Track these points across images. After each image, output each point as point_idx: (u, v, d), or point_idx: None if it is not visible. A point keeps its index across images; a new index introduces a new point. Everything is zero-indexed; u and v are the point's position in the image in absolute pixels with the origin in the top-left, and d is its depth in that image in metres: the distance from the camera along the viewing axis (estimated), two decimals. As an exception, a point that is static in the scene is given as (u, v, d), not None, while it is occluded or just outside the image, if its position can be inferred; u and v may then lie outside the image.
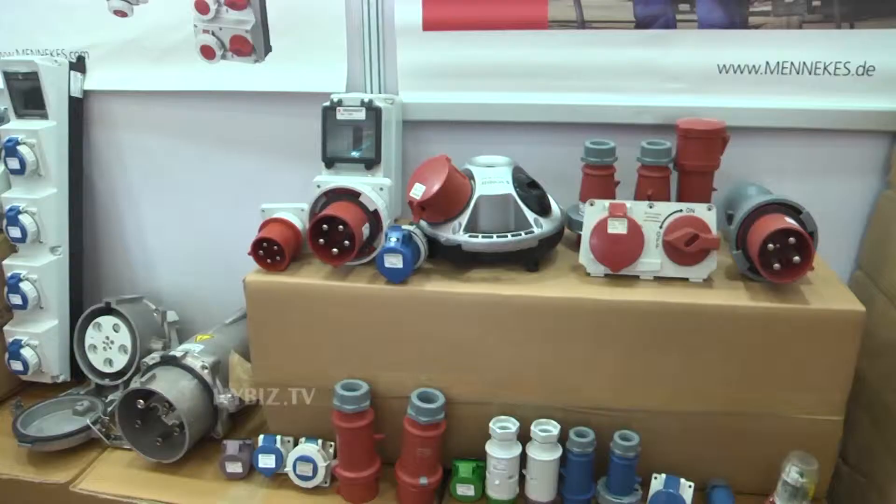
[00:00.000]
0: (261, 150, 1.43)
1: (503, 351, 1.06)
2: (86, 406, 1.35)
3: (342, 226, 1.05)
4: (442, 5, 1.24)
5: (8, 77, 1.39)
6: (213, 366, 1.22)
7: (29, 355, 1.40)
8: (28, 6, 1.46)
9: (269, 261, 1.11)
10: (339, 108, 1.18)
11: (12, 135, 1.37)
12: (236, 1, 1.30)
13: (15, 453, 1.29)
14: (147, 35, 1.39)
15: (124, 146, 1.52)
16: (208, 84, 1.38)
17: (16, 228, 1.37)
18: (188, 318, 1.54)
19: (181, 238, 1.55)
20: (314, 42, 1.30)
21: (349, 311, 1.08)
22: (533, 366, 1.06)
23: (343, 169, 1.19)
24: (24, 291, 1.38)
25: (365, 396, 1.07)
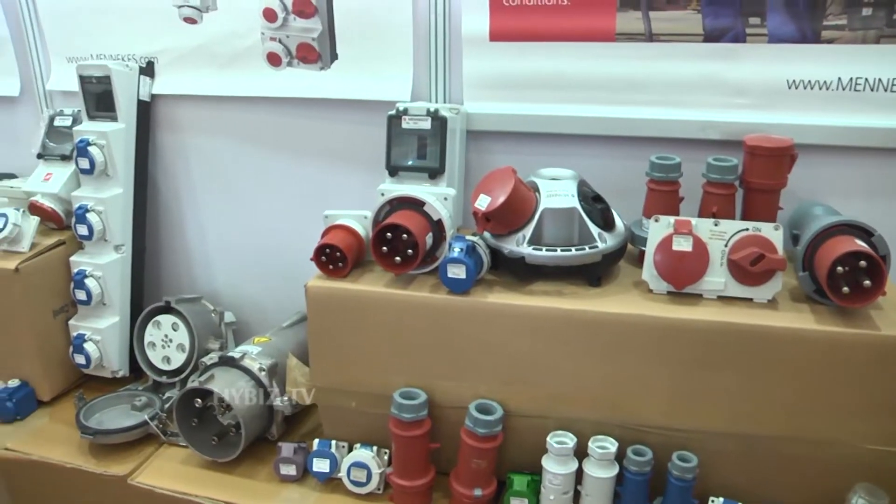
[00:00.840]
0: (323, 157, 1.44)
1: (563, 365, 1.05)
2: (144, 402, 1.37)
3: (406, 234, 1.05)
4: (509, 16, 1.23)
5: (83, 80, 1.43)
6: (271, 368, 1.23)
7: (91, 350, 1.43)
8: (103, 13, 1.50)
9: (331, 267, 1.12)
10: (404, 117, 1.18)
11: (84, 136, 1.40)
12: (304, 9, 1.31)
13: (77, 444, 1.33)
14: (215, 42, 1.42)
15: (189, 149, 1.54)
16: (274, 90, 1.40)
17: (83, 226, 1.40)
18: (244, 319, 1.56)
19: (241, 241, 1.57)
20: (380, 50, 1.31)
21: (410, 319, 1.08)
22: (592, 381, 1.05)
23: (406, 177, 1.19)
24: (89, 287, 1.41)
25: (423, 406, 1.07)
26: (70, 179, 1.48)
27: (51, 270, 1.44)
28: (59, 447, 1.33)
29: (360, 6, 1.30)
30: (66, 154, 1.50)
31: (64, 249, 1.46)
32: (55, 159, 1.52)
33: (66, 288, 1.46)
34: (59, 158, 1.51)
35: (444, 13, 1.26)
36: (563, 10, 1.21)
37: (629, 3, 1.18)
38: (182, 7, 1.40)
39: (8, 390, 1.42)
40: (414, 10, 1.27)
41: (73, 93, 1.56)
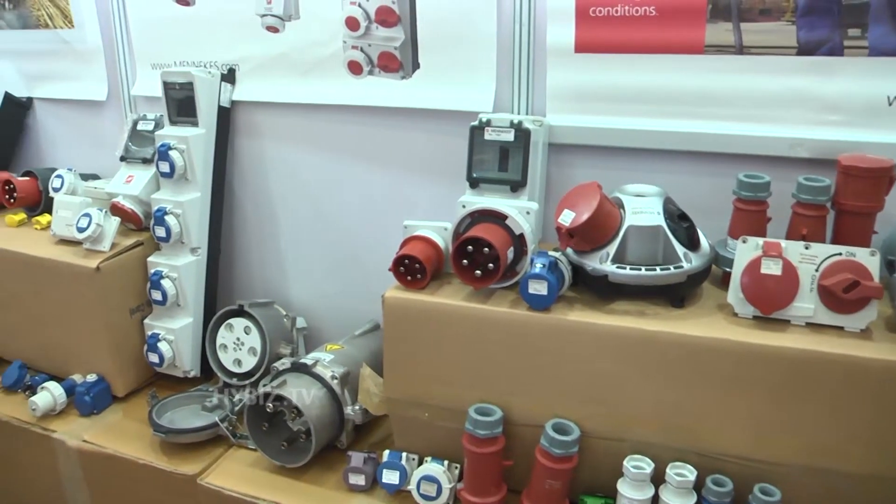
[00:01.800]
0: (400, 166, 1.43)
1: (643, 387, 1.01)
2: (214, 403, 1.39)
3: (487, 248, 1.04)
4: (595, 27, 1.20)
5: (166, 86, 1.46)
6: (343, 377, 1.23)
7: (165, 349, 1.46)
8: (188, 23, 1.53)
9: (409, 278, 1.11)
10: (487, 129, 1.16)
11: (165, 140, 1.43)
12: (387, 18, 1.31)
13: (149, 440, 1.36)
14: (296, 50, 1.43)
15: (266, 155, 1.56)
16: (354, 99, 1.40)
17: (161, 228, 1.42)
18: (315, 325, 1.56)
19: (314, 247, 1.57)
20: (463, 60, 1.29)
21: (488, 334, 1.06)
22: (671, 405, 1.01)
23: (487, 189, 1.17)
24: (165, 288, 1.43)
25: (498, 423, 1.05)
26: (150, 182, 1.51)
27: (129, 270, 1.47)
28: (132, 442, 1.36)
29: (443, 15, 1.29)
30: (147, 157, 1.53)
31: (142, 250, 1.49)
32: (137, 162, 1.55)
33: (143, 288, 1.48)
34: (141, 161, 1.54)
35: (529, 23, 1.24)
36: (650, 20, 1.17)
37: (720, 13, 1.14)
38: (265, 16, 1.42)
39: (86, 384, 1.46)
40: (498, 19, 1.25)
41: (156, 98, 1.60)
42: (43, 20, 1.77)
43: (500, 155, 1.18)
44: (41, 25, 1.78)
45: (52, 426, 1.43)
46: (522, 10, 1.24)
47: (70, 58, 1.76)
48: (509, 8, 1.25)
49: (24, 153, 1.97)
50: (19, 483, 1.55)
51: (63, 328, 1.51)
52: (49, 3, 1.74)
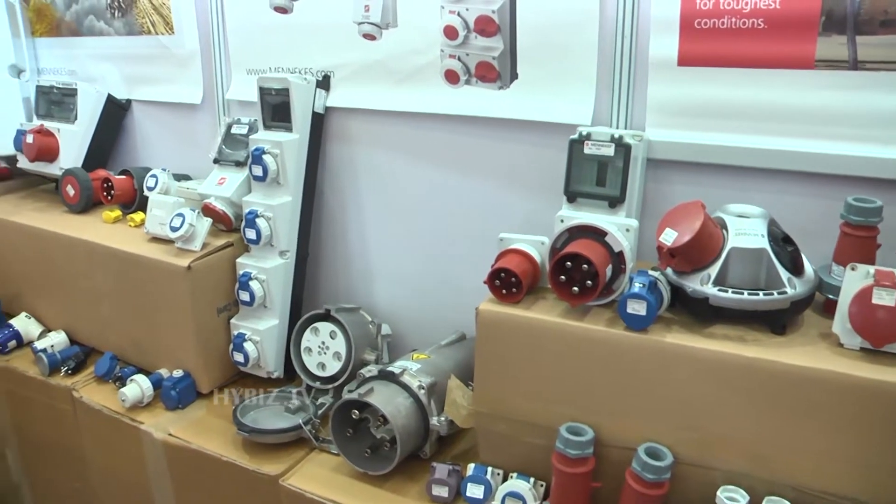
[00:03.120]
0: (493, 177, 1.41)
1: (739, 416, 0.97)
2: (297, 405, 1.41)
3: (586, 265, 1.02)
4: (700, 40, 1.16)
5: (262, 92, 1.48)
6: (430, 387, 1.22)
7: (250, 349, 1.48)
8: (285, 29, 1.56)
9: (504, 291, 1.10)
10: (587, 142, 1.14)
11: (260, 144, 1.45)
12: (486, 28, 1.30)
13: (232, 438, 1.38)
14: (393, 57, 1.43)
15: (358, 162, 1.57)
16: (449, 108, 1.39)
17: (252, 231, 1.45)
18: (399, 332, 1.57)
19: (402, 255, 1.58)
20: (563, 72, 1.27)
21: (582, 352, 1.04)
22: (769, 436, 0.97)
23: (585, 204, 1.15)
24: (253, 290, 1.46)
25: (589, 443, 1.02)
26: (242, 185, 1.54)
27: (218, 270, 1.50)
28: (215, 439, 1.38)
29: (544, 25, 1.27)
30: (240, 160, 1.56)
31: (231, 251, 1.52)
32: (230, 165, 1.58)
33: (231, 288, 1.51)
34: (234, 164, 1.57)
35: (631, 35, 1.21)
36: (758, 33, 1.13)
37: (834, 26, 1.08)
38: (362, 24, 1.43)
39: (172, 380, 1.49)
40: (600, 30, 1.23)
41: (249, 103, 1.65)
42: (146, 27, 1.84)
43: (598, 169, 1.16)
44: (144, 32, 1.85)
45: (140, 418, 1.47)
46: (625, 21, 1.21)
47: (168, 62, 1.82)
48: (611, 19, 1.22)
49: (121, 152, 2.04)
50: (108, 467, 1.60)
51: (153, 323, 1.55)
52: (153, 10, 1.80)
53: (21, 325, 1.79)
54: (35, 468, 1.83)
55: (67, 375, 1.64)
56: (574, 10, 1.24)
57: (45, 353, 1.66)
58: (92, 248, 1.60)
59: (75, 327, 1.75)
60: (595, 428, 1.04)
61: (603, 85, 1.25)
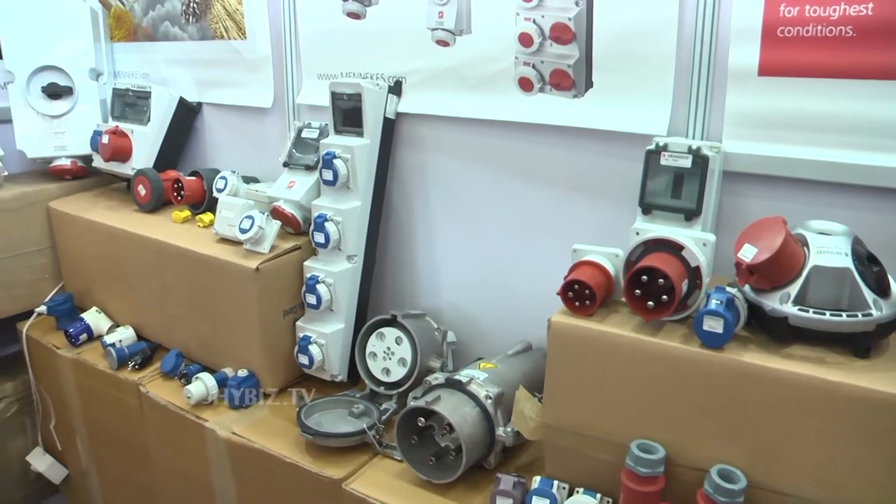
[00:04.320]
0: (563, 187, 1.41)
1: (818, 441, 0.95)
2: (361, 410, 1.43)
3: (662, 279, 1.01)
4: (783, 49, 1.14)
5: (334, 97, 1.51)
6: (497, 397, 1.23)
7: (315, 352, 1.50)
8: (357, 35, 1.59)
9: (577, 304, 1.10)
10: (663, 153, 1.14)
11: (331, 149, 1.48)
12: (562, 35, 1.30)
13: (294, 440, 1.40)
14: (466, 64, 1.44)
15: (427, 168, 1.59)
16: (522, 116, 1.39)
17: (320, 234, 1.47)
18: (463, 340, 1.58)
19: (469, 262, 1.59)
20: (639, 81, 1.26)
21: (656, 368, 1.03)
22: (848, 464, 0.94)
23: (660, 217, 1.15)
24: (320, 293, 1.48)
25: (660, 462, 1.02)
26: (311, 189, 1.57)
27: (286, 273, 1.53)
28: (278, 440, 1.41)
29: (621, 33, 1.26)
30: (310, 164, 1.60)
31: (299, 254, 1.55)
32: (299, 168, 1.61)
33: (298, 291, 1.54)
34: (304, 168, 1.60)
35: (711, 43, 1.20)
36: (846, 42, 1.10)
37: (930, 33, 1.05)
38: (436, 30, 1.44)
39: (237, 379, 1.53)
40: (678, 38, 1.22)
41: (319, 107, 1.69)
42: (219, 32, 1.90)
43: (674, 181, 1.15)
44: (217, 37, 1.91)
45: (204, 415, 1.51)
46: (704, 29, 1.20)
47: (240, 66, 1.88)
48: (690, 26, 1.21)
49: (190, 154, 2.11)
50: (171, 461, 1.65)
51: (219, 323, 1.59)
52: (227, 16, 1.86)
53: (92, 320, 1.87)
54: (102, 457, 1.91)
55: (134, 370, 1.70)
56: (652, 18, 1.23)
57: (114, 347, 1.73)
58: (161, 247, 1.65)
59: (143, 323, 1.82)
60: (666, 446, 1.03)
61: (680, 94, 1.24)
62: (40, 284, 2.01)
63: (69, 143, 2.05)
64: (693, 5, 1.20)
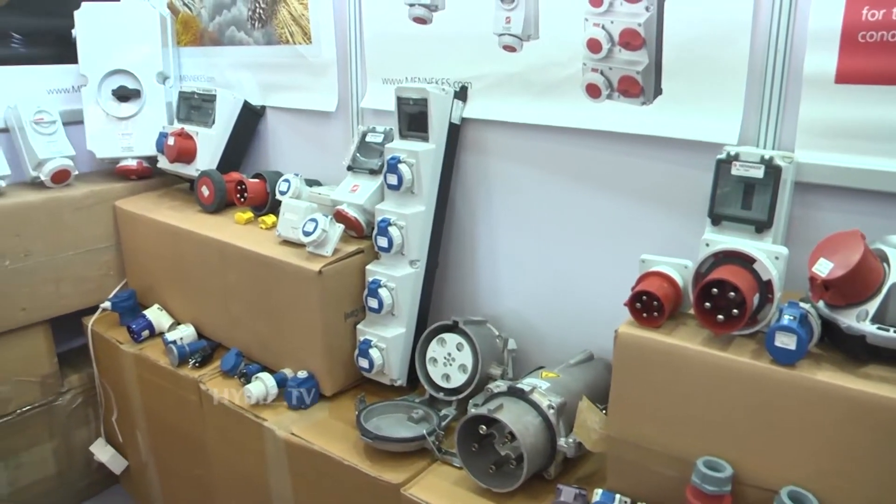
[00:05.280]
0: (629, 195, 1.41)
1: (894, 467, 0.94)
2: (420, 415, 1.45)
3: (733, 292, 1.01)
4: (864, 55, 1.11)
5: (400, 101, 1.54)
6: (560, 407, 1.23)
7: (375, 356, 1.53)
8: (423, 40, 1.61)
9: (645, 315, 1.10)
10: (734, 163, 1.13)
11: (396, 153, 1.50)
12: (631, 41, 1.30)
13: (353, 443, 1.43)
14: (532, 70, 1.45)
15: (491, 174, 1.60)
16: (589, 123, 1.40)
17: (384, 239, 1.50)
18: (523, 347, 1.58)
19: (531, 269, 1.59)
20: (710, 88, 1.25)
21: (725, 384, 1.02)
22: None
23: (729, 228, 1.14)
24: (382, 297, 1.51)
25: (727, 480, 1.01)
26: (375, 193, 1.60)
27: (348, 276, 1.56)
28: (337, 443, 1.43)
29: (692, 39, 1.25)
30: (374, 168, 1.63)
31: (361, 258, 1.58)
32: (363, 172, 1.65)
33: (359, 294, 1.57)
34: (368, 172, 1.64)
35: (785, 49, 1.18)
36: (935, 48, 1.07)
37: None
38: (503, 35, 1.46)
39: (297, 380, 1.56)
40: (752, 44, 1.20)
41: (383, 111, 1.72)
42: (284, 37, 1.95)
43: (744, 192, 1.14)
44: (282, 41, 1.96)
45: (263, 415, 1.55)
46: (779, 34, 1.18)
47: (304, 71, 1.92)
48: (764, 32, 1.19)
49: (253, 156, 2.17)
50: (229, 458, 1.70)
51: (280, 324, 1.64)
52: (292, 21, 1.91)
53: (154, 317, 1.95)
54: (161, 450, 1.98)
55: (195, 368, 1.76)
56: (725, 23, 1.22)
57: (175, 344, 1.79)
58: (224, 247, 1.71)
59: (203, 322, 1.88)
60: (734, 464, 1.03)
61: (751, 102, 1.23)
62: (105, 281, 2.11)
63: (136, 144, 2.14)
64: (768, 9, 1.19)
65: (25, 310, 1.94)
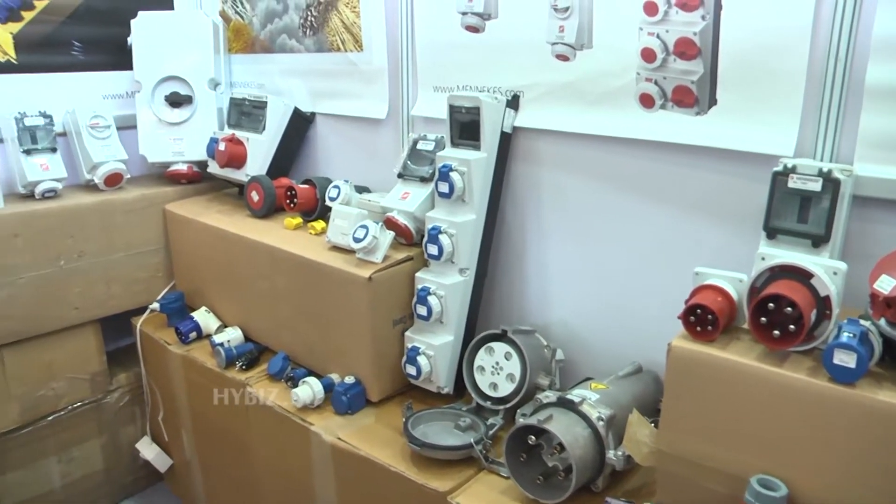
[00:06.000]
0: (683, 207, 1.40)
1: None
2: (468, 423, 1.46)
3: (790, 308, 1.00)
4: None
5: (452, 109, 1.56)
6: (609, 419, 1.24)
7: (423, 363, 1.56)
8: (475, 49, 1.63)
9: (698, 329, 1.10)
10: (791, 175, 1.12)
11: (448, 161, 1.52)
12: (686, 50, 1.30)
13: (400, 449, 1.45)
14: (585, 79, 1.46)
15: (541, 183, 1.61)
16: (642, 133, 1.40)
17: (434, 246, 1.52)
18: (570, 358, 1.59)
19: (580, 279, 1.60)
20: (767, 98, 1.24)
21: (780, 401, 1.02)
22: None
23: (785, 242, 1.13)
24: (431, 304, 1.53)
25: (782, 500, 1.00)
26: (425, 200, 1.62)
27: (397, 283, 1.59)
28: (384, 449, 1.45)
29: (749, 48, 1.24)
30: (424, 176, 1.65)
31: (410, 265, 1.61)
32: (414, 180, 1.67)
33: (408, 301, 1.60)
34: (418, 179, 1.66)
35: (847, 58, 1.17)
36: None
37: None
38: (556, 44, 1.47)
39: (344, 385, 1.59)
40: (811, 52, 1.19)
41: (433, 119, 1.74)
42: (336, 44, 1.99)
43: (801, 205, 1.14)
44: (333, 49, 2.00)
45: (310, 419, 1.58)
46: (840, 43, 1.17)
47: (355, 78, 1.96)
48: (824, 40, 1.18)
49: (303, 162, 2.22)
50: (274, 460, 1.73)
51: (328, 329, 1.67)
52: (344, 29, 1.95)
53: (201, 319, 2.00)
54: (205, 450, 2.03)
55: (242, 370, 1.80)
56: (784, 31, 1.21)
57: (223, 346, 1.83)
58: (274, 252, 1.74)
59: (250, 325, 1.92)
60: (788, 484, 1.02)
61: (809, 113, 1.22)
62: (153, 282, 2.17)
63: (186, 149, 2.20)
64: (829, 17, 1.18)
65: (78, 309, 2.02)
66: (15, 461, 2.00)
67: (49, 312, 1.96)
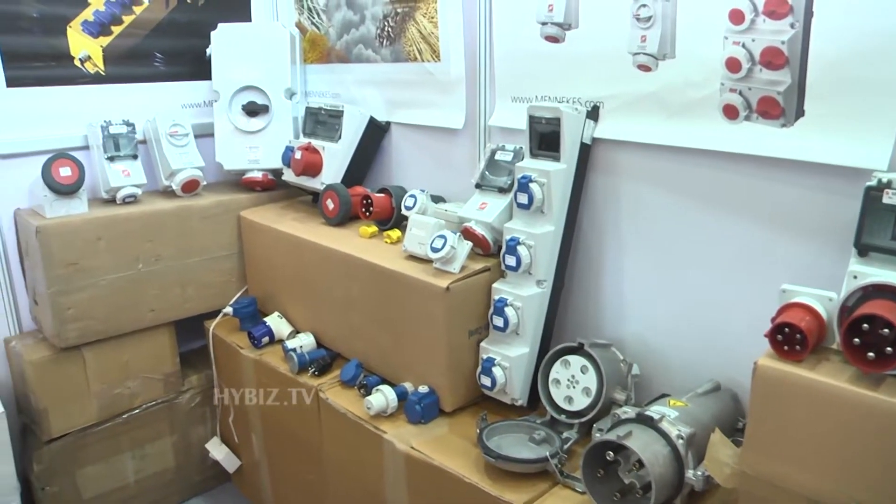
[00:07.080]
0: (764, 221, 1.39)
1: None
2: (542, 436, 1.48)
3: (887, 329, 0.99)
4: None
5: (532, 120, 1.58)
6: (689, 438, 1.24)
7: (498, 374, 1.58)
8: (554, 59, 1.65)
9: (786, 348, 1.09)
10: (886, 191, 1.10)
11: (527, 172, 1.54)
12: (773, 60, 1.29)
13: (473, 460, 1.47)
14: (667, 90, 1.46)
15: (620, 195, 1.62)
16: (725, 145, 1.39)
17: (512, 258, 1.54)
18: (645, 373, 1.60)
19: (658, 295, 1.60)
20: (857, 109, 1.22)
21: (873, 426, 1.00)
22: None
23: (878, 260, 1.11)
24: (507, 316, 1.55)
25: (875, 527, 1.00)
26: (503, 211, 1.64)
27: (474, 293, 1.62)
28: (457, 459, 1.47)
29: (841, 58, 1.22)
30: (502, 186, 1.67)
31: (488, 276, 1.63)
32: (492, 190, 1.69)
33: (484, 312, 1.62)
34: (496, 190, 1.68)
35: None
36: None
37: None
38: (638, 54, 1.48)
39: (418, 394, 1.63)
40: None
41: (511, 130, 1.77)
42: (412, 55, 2.04)
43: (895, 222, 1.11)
44: (410, 59, 2.05)
45: (383, 427, 1.61)
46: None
47: (432, 88, 2.00)
48: (922, 49, 1.15)
49: (377, 171, 2.28)
50: (345, 467, 1.78)
51: (402, 338, 1.70)
52: (421, 39, 2.00)
53: (274, 324, 2.07)
54: (275, 453, 2.10)
55: (314, 376, 1.85)
56: (878, 38, 1.18)
57: (295, 352, 1.89)
58: (350, 260, 1.79)
59: (322, 331, 1.98)
60: (882, 511, 1.01)
61: (905, 127, 1.19)
62: (227, 287, 2.26)
63: (262, 157, 2.28)
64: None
65: (154, 311, 2.12)
66: (93, 455, 2.11)
67: (127, 314, 2.07)
